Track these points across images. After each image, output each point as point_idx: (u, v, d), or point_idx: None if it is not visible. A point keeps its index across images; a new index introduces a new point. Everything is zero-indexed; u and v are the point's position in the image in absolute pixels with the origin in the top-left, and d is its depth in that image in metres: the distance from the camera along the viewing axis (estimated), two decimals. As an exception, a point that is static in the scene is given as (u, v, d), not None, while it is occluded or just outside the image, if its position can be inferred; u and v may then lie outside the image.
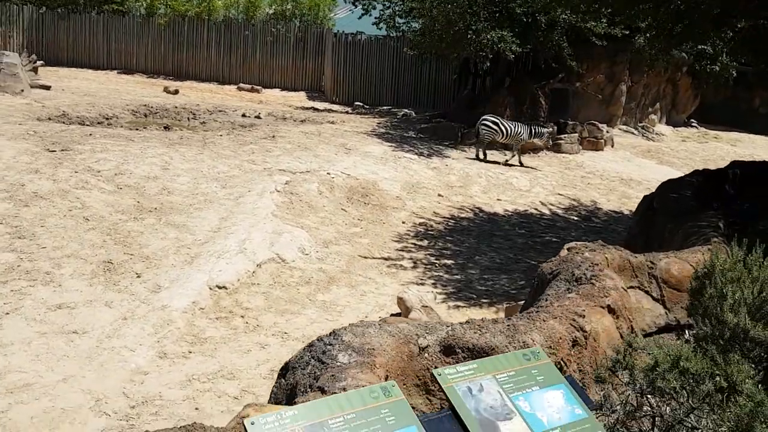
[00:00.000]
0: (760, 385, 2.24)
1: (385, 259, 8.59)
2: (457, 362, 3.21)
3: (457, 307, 7.58)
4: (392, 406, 2.19)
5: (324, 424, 2.14)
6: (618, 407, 2.29)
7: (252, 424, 2.11)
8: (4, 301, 6.06)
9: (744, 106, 20.98)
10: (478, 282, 8.35)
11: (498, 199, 11.97)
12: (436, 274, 8.40)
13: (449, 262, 8.87)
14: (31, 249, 6.96)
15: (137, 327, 6.12)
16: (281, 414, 2.24)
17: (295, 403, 2.82)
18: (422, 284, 7.97)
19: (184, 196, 8.94)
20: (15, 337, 5.64)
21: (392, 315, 7.18)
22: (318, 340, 3.35)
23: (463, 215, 10.99)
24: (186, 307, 6.53)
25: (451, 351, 3.18)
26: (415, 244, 9.31)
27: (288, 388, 3.19)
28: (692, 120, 21.52)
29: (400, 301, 6.90)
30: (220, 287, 6.95)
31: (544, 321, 3.30)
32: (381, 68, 21.03)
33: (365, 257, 8.53)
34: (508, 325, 3.23)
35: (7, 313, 5.91)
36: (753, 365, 3.63)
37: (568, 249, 4.61)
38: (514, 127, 13.57)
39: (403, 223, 10.07)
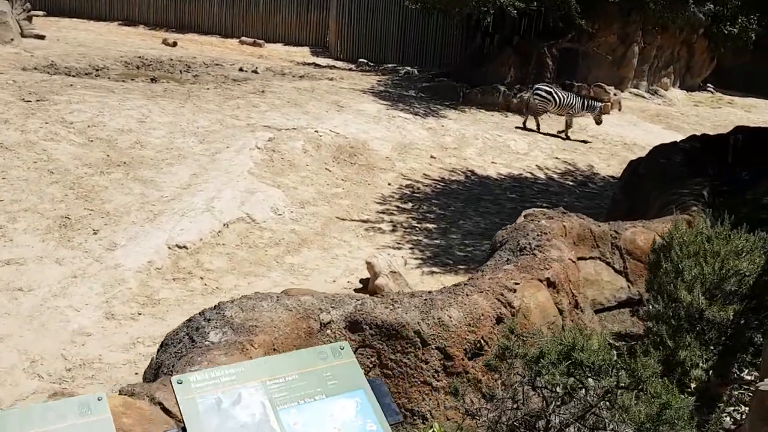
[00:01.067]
0: (669, 384, 1.89)
1: (364, 221, 8.25)
2: (363, 341, 2.89)
3: (432, 273, 7.25)
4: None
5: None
6: (502, 402, 1.94)
7: (179, 383, 1.77)
8: (-52, 255, 5.84)
9: (763, 71, 20.03)
10: (457, 247, 7.99)
11: (493, 162, 11.51)
12: (416, 238, 8.06)
13: (431, 226, 8.51)
14: (-15, 202, 6.71)
15: (86, 286, 5.88)
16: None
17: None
18: (399, 248, 7.64)
19: (156, 151, 8.62)
20: (-46, 293, 5.42)
21: (361, 280, 6.89)
22: (200, 314, 3.04)
23: (453, 178, 10.58)
24: (141, 266, 6.27)
25: (357, 327, 2.86)
26: (398, 207, 8.95)
27: (155, 368, 2.90)
28: (708, 84, 20.65)
29: (369, 265, 6.58)
30: (180, 246, 6.67)
31: (467, 295, 2.95)
32: (386, 24, 20.35)
33: (343, 219, 8.19)
34: (425, 300, 2.88)
35: (-50, 268, 5.69)
36: (705, 348, 3.24)
37: (525, 216, 4.23)
38: (567, 98, 12.91)
39: (389, 184, 9.70)
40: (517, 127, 13.20)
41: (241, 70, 15.61)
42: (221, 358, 2.95)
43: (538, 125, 13.17)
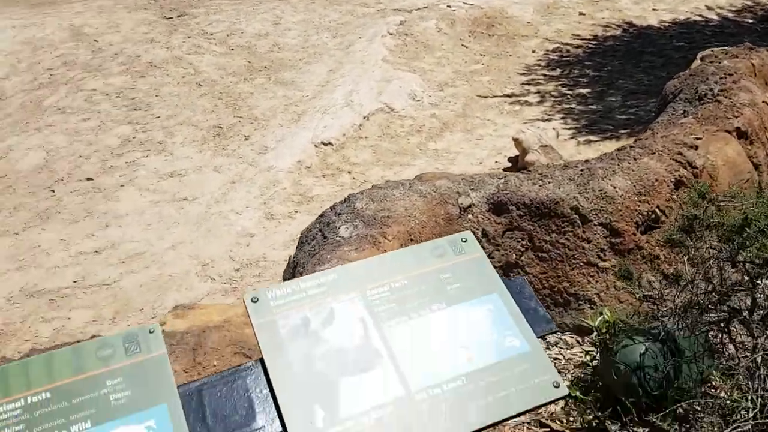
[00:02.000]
0: None
1: (508, 96, 7.54)
2: (511, 223, 2.45)
3: (589, 142, 6.49)
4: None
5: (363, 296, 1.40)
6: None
7: (254, 301, 1.43)
8: (120, 173, 6.15)
9: None
10: (618, 111, 7.07)
11: (653, 9, 9.97)
12: (567, 106, 7.23)
13: (585, 91, 7.59)
14: (145, 120, 6.96)
15: (244, 190, 5.96)
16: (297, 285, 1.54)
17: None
18: (549, 120, 6.91)
19: (294, 51, 8.41)
20: (129, 208, 5.72)
21: (510, 158, 6.34)
22: (330, 208, 2.75)
23: (608, 34, 9.32)
24: (291, 166, 6.23)
25: (502, 209, 2.42)
26: (545, 75, 8.07)
27: (292, 267, 2.68)
28: None
29: (516, 142, 5.99)
30: (325, 144, 6.53)
31: (635, 159, 2.37)
32: None
33: (485, 97, 7.55)
34: (581, 171, 2.35)
35: (122, 185, 6.01)
36: None
37: (702, 58, 3.40)
38: None
39: (533, 52, 8.75)
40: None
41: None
42: (351, 254, 2.67)
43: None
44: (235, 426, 1.13)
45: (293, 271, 3.00)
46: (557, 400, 1.17)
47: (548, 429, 2.40)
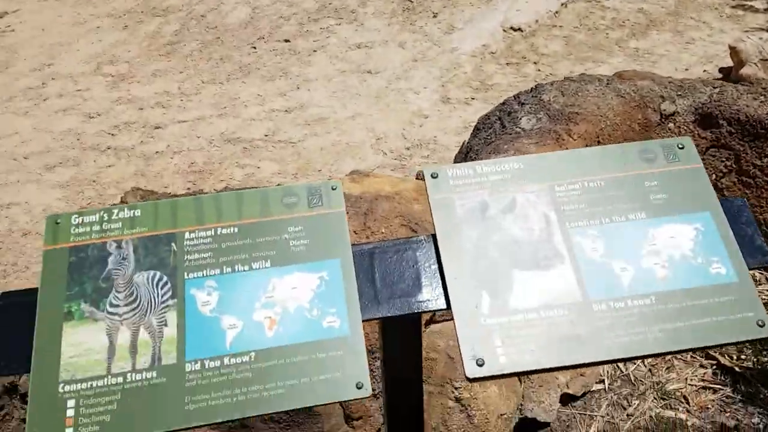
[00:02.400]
0: None
1: (734, -4, 6.49)
2: (717, 139, 2.12)
3: (824, 61, 5.46)
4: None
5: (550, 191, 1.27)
6: None
7: (434, 177, 1.39)
8: (314, 39, 6.29)
9: None
10: None
11: None
12: (805, 16, 6.09)
13: (833, -1, 6.31)
14: (341, -12, 6.95)
15: (425, 70, 5.85)
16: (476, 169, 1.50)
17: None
18: (778, 30, 5.88)
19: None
20: (319, 74, 5.88)
21: (721, 69, 5.54)
22: (514, 97, 2.55)
23: None
24: (475, 50, 5.97)
25: (710, 122, 2.10)
26: (785, -24, 6.79)
27: (464, 152, 2.56)
28: None
29: (733, 51, 5.19)
30: (515, 29, 6.13)
31: None
32: None
33: (706, -6, 6.55)
34: (824, 89, 1.95)
35: (315, 51, 6.15)
36: None
37: None
38: None
39: (777, -53, 7.35)
40: None
41: None
42: (530, 147, 2.51)
43: None
44: (400, 293, 1.12)
45: (465, 156, 2.91)
46: (760, 340, 1.01)
47: (715, 362, 2.20)
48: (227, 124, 5.31)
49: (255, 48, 6.27)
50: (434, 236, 1.17)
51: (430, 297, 1.11)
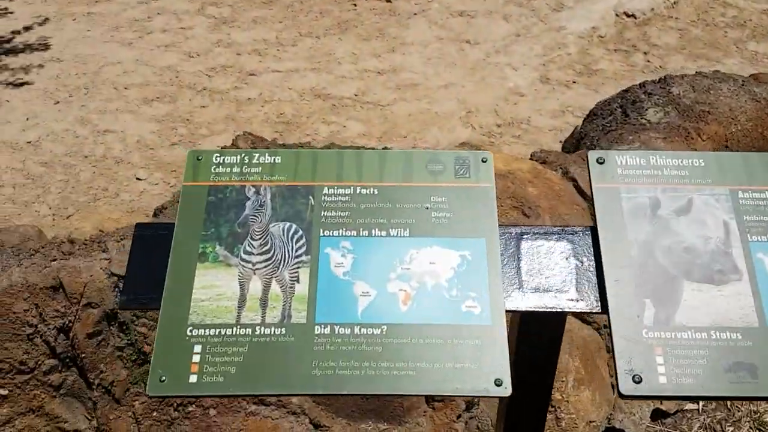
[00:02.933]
0: None
1: None
2: None
3: None
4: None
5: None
6: None
7: (600, 162, 1.24)
8: (416, 1, 6.12)
9: None
10: None
11: None
12: None
13: None
14: (449, -47, 6.72)
15: (527, 46, 5.62)
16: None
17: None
18: None
19: None
20: (416, 38, 5.74)
21: None
22: (639, 86, 2.37)
23: None
24: (583, 31, 5.68)
25: None
26: None
27: (577, 138, 2.40)
28: None
29: None
30: (628, 15, 5.79)
31: None
32: None
33: None
34: None
35: (415, 14, 6.00)
36: None
37: None
38: None
39: None
40: None
41: None
42: (658, 142, 2.34)
43: None
44: (549, 287, 1.02)
45: (578, 143, 2.75)
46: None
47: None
48: (319, 79, 5.26)
49: (355, 5, 6.16)
50: (593, 229, 1.06)
51: (581, 297, 1.01)
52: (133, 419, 1.77)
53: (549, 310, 1.00)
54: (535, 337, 1.09)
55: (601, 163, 1.09)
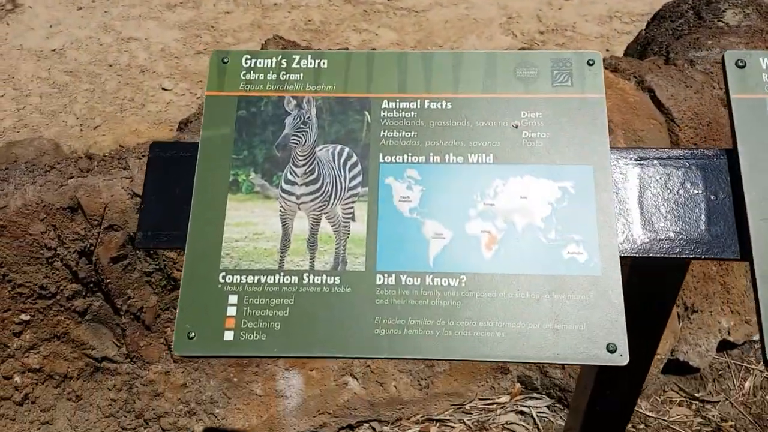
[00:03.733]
0: None
1: None
2: None
3: None
4: None
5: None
6: None
7: (740, 65, 1.16)
8: None
9: None
10: None
11: None
12: None
13: None
14: None
15: (573, -55, 5.06)
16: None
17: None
18: None
19: None
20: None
21: None
22: None
23: None
24: (635, -71, 5.08)
25: None
26: None
27: (642, 44, 2.06)
28: None
29: None
30: None
31: None
32: None
33: None
34: None
35: None
36: None
37: None
38: None
39: None
40: None
41: None
42: (739, 48, 1.99)
43: None
44: (673, 227, 0.77)
45: (644, 50, 2.39)
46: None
47: None
48: (350, -18, 4.82)
49: None
50: (730, 153, 0.80)
51: (718, 239, 0.76)
52: (166, 346, 1.62)
53: (674, 256, 0.76)
54: (649, 290, 0.85)
55: (741, 67, 0.80)
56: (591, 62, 0.84)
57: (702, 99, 1.73)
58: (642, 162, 0.80)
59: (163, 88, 4.11)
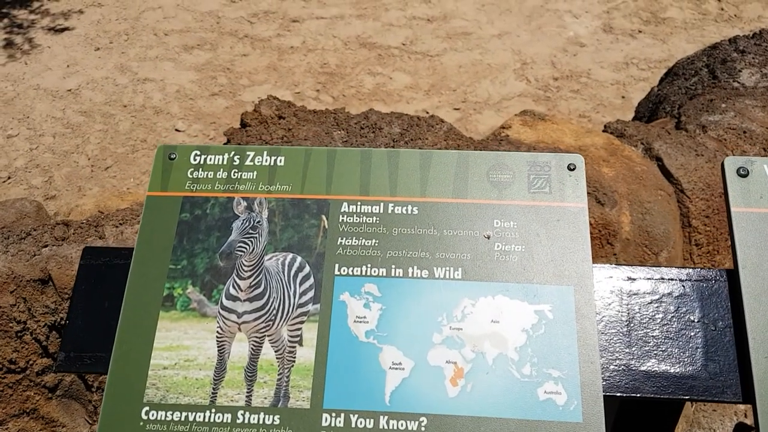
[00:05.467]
0: None
1: None
2: None
3: None
4: None
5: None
6: None
7: (742, 174, 1.17)
8: (469, -57, 5.52)
9: None
10: None
11: None
12: None
13: None
14: None
15: (589, -9, 5.00)
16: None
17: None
18: None
19: None
20: (468, -18, 5.18)
21: None
22: (729, 41, 1.91)
23: None
24: (652, -24, 5.01)
25: None
26: None
27: (653, 102, 1.96)
28: None
29: None
30: (704, -44, 5.07)
31: None
32: None
33: None
34: None
35: (468, -44, 5.41)
36: None
37: None
38: None
39: None
40: None
41: None
42: (756, 112, 1.89)
43: None
44: (664, 362, 0.66)
45: (656, 108, 2.29)
46: None
47: None
48: (365, 26, 4.81)
49: (405, -55, 5.60)
50: (730, 274, 0.68)
51: (714, 378, 0.65)
52: (143, 418, 1.52)
53: (666, 398, 0.65)
54: (642, 429, 0.73)
55: (743, 176, 0.70)
56: (572, 167, 0.74)
57: (714, 169, 1.62)
58: (632, 283, 0.70)
59: (177, 129, 4.10)
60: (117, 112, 4.14)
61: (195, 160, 0.77)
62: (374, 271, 0.72)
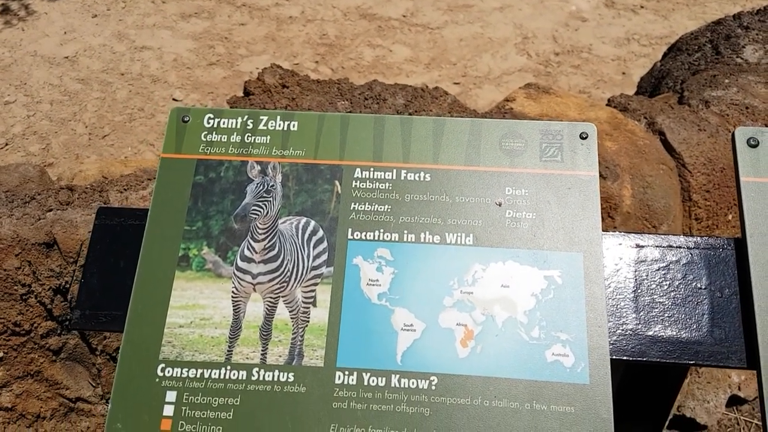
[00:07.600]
0: None
1: None
2: None
3: None
4: None
5: None
6: None
7: (752, 144, 1.15)
8: None
9: None
10: None
11: None
12: None
13: None
14: None
15: (592, -35, 4.94)
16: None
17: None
18: None
19: None
20: (471, -46, 5.11)
21: None
22: (734, 17, 1.90)
23: None
24: (656, -50, 4.95)
25: None
26: None
27: (656, 77, 1.96)
28: None
29: None
30: (709, -69, 5.01)
31: None
32: None
33: None
34: None
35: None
36: None
37: None
38: None
39: None
40: None
41: None
42: (758, 87, 1.89)
43: None
44: (670, 328, 0.68)
45: (658, 84, 2.28)
46: None
47: None
48: (366, -4, 4.76)
49: None
50: (738, 241, 0.70)
51: (722, 343, 0.67)
52: (147, 383, 1.54)
53: (672, 362, 0.67)
54: (642, 395, 0.75)
55: (753, 146, 0.71)
56: (584, 135, 0.74)
57: (716, 143, 1.63)
58: (640, 250, 0.71)
59: (174, 99, 4.07)
60: (114, 80, 4.10)
61: (208, 123, 0.77)
62: (387, 236, 0.73)
